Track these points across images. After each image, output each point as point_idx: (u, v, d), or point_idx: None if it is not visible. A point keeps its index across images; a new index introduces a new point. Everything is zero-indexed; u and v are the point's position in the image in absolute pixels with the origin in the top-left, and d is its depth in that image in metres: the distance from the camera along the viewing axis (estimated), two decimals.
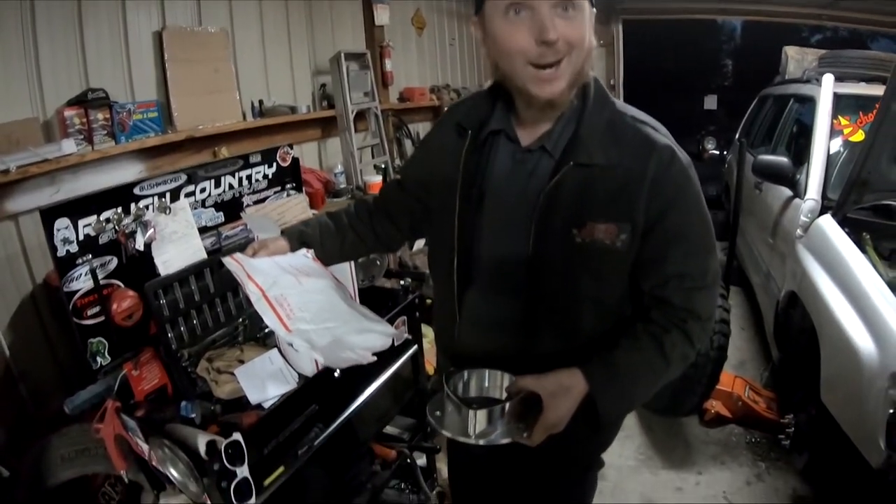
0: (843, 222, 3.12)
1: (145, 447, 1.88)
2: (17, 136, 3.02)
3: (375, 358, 1.56)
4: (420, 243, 5.21)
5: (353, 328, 1.55)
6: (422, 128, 7.10)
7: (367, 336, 1.57)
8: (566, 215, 1.37)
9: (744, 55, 9.97)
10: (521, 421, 1.36)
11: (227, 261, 1.63)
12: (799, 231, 3.40)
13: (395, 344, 1.65)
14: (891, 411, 2.22)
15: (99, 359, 2.12)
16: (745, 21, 9.54)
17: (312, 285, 1.60)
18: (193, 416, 1.97)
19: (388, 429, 2.68)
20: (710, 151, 8.29)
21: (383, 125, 5.45)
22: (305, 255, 1.72)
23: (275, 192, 2.63)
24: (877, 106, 3.00)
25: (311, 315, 1.49)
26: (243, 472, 1.70)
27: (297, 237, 1.75)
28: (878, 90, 3.14)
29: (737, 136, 6.62)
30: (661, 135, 1.39)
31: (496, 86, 1.48)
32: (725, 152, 7.47)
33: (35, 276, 3.19)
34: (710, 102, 9.30)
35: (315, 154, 5.45)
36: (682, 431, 3.71)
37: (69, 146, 3.23)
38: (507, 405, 1.36)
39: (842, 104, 3.96)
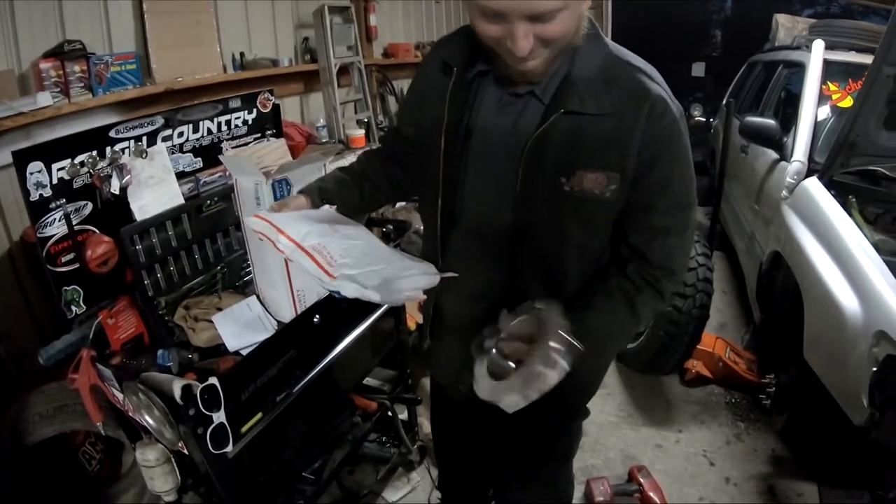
0: (829, 185, 3.09)
1: (121, 396, 1.85)
2: None
3: (425, 296, 1.55)
4: None
5: (398, 268, 1.47)
6: (406, 84, 6.91)
7: (413, 275, 1.49)
8: (554, 163, 1.33)
9: (734, 25, 9.87)
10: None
11: (252, 220, 1.49)
12: (784, 192, 3.39)
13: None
14: (874, 369, 2.21)
15: (74, 307, 2.08)
16: None
17: (348, 231, 1.51)
18: (170, 364, 1.95)
19: (369, 380, 2.68)
20: (697, 118, 8.21)
21: (367, 80, 5.38)
22: (329, 209, 1.62)
23: (255, 139, 2.58)
24: (866, 72, 2.97)
25: (353, 260, 1.39)
26: (220, 417, 1.67)
27: (316, 193, 1.64)
28: (868, 59, 3.11)
29: (724, 101, 6.59)
30: (656, 83, 1.33)
31: None
32: (712, 119, 7.43)
33: (12, 234, 3.11)
34: (698, 69, 9.23)
35: (297, 108, 5.38)
36: (663, 390, 3.73)
37: (45, 99, 3.15)
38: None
39: (831, 70, 3.92)
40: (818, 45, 3.98)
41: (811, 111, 3.60)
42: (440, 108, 1.43)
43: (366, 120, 5.13)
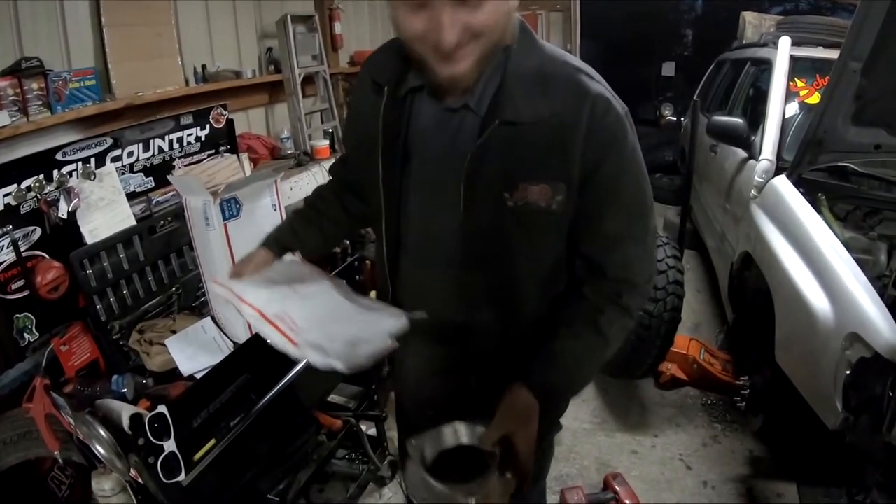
0: (798, 183, 3.07)
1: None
2: None
3: (397, 343, 1.39)
4: None
5: (362, 324, 1.40)
6: None
7: (380, 324, 1.43)
8: (496, 178, 1.26)
9: (703, 24, 9.93)
10: (502, 468, 1.27)
11: (214, 287, 1.49)
12: (753, 192, 3.37)
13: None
14: (847, 372, 2.19)
15: (26, 335, 2.07)
16: None
17: (309, 290, 1.46)
18: (125, 390, 1.92)
19: (334, 397, 2.63)
20: (668, 117, 8.27)
21: (333, 90, 5.32)
22: (293, 260, 1.58)
23: (208, 155, 2.55)
24: (832, 68, 2.94)
25: (316, 324, 1.34)
26: (170, 446, 1.63)
27: (274, 244, 1.56)
28: (834, 55, 3.10)
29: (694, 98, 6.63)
30: (596, 82, 1.27)
31: None
32: (682, 118, 7.46)
33: None
34: (668, 69, 9.27)
35: (262, 120, 5.31)
36: (638, 394, 3.71)
37: (2, 118, 3.04)
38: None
39: (798, 67, 3.91)
40: (784, 41, 3.98)
41: (778, 108, 3.59)
42: (374, 130, 1.36)
43: (331, 130, 5.08)
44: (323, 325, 1.34)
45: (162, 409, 1.60)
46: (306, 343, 1.27)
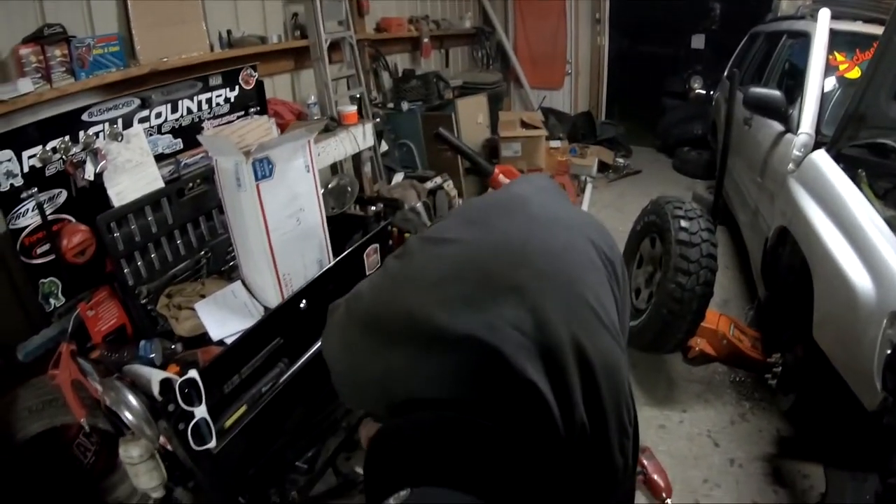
0: (838, 158, 3.00)
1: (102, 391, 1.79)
2: None
3: None
4: (398, 176, 5.11)
5: None
6: (399, 59, 6.94)
7: None
8: None
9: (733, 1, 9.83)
10: None
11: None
12: (791, 166, 3.30)
13: None
14: (889, 352, 2.13)
15: (52, 300, 2.05)
16: None
17: None
18: (153, 356, 1.89)
19: None
20: (697, 91, 8.18)
21: (359, 56, 5.26)
22: None
23: (238, 117, 2.52)
24: (875, 44, 2.88)
25: None
26: (201, 412, 1.61)
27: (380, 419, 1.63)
28: (875, 30, 3.01)
29: (725, 73, 6.50)
30: None
31: None
32: (712, 92, 7.36)
33: None
34: (698, 42, 9.11)
35: (288, 86, 5.25)
36: (666, 368, 3.68)
37: (25, 85, 3.02)
38: None
39: (837, 40, 3.78)
40: (824, 13, 3.87)
41: (818, 82, 3.51)
42: None
43: (358, 96, 5.04)
44: None
45: (193, 374, 1.57)
46: None
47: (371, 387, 1.10)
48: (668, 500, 2.73)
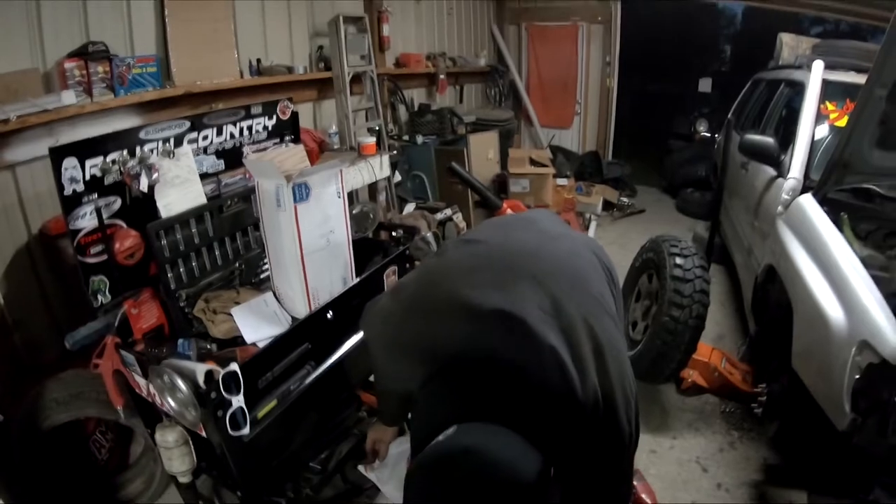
0: (824, 202, 3.17)
1: (142, 381, 1.96)
2: (17, 86, 3.04)
3: None
4: (410, 207, 5.25)
5: None
6: (416, 94, 7.11)
7: None
8: None
9: (742, 41, 9.98)
10: None
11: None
12: (780, 208, 3.48)
13: None
14: (857, 377, 2.31)
15: (100, 297, 2.18)
16: (746, 7, 9.55)
17: None
18: (190, 353, 2.06)
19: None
20: (702, 133, 8.32)
21: (378, 89, 5.46)
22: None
23: (274, 144, 2.71)
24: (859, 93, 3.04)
25: None
26: (238, 402, 1.78)
27: (391, 420, 2.12)
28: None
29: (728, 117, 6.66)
30: None
31: None
32: (717, 135, 7.50)
33: (31, 227, 3.22)
34: (705, 85, 9.28)
35: (310, 114, 5.46)
36: (660, 398, 3.80)
37: (69, 97, 3.24)
38: None
39: (830, 90, 3.99)
40: (818, 64, 4.07)
41: (808, 129, 3.69)
42: None
43: (377, 128, 5.22)
44: None
45: (234, 367, 1.75)
46: None
47: (414, 355, 1.30)
48: None
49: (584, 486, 1.36)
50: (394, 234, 2.79)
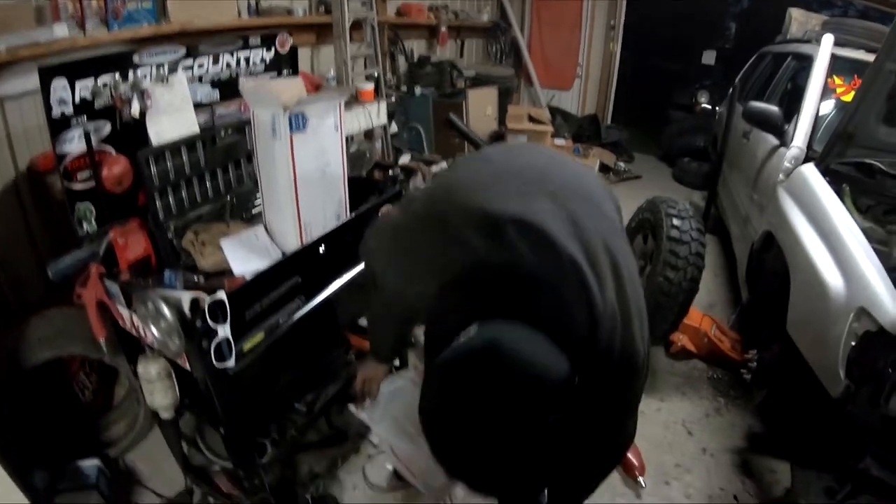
0: (825, 172, 3.16)
1: (126, 312, 1.92)
2: (8, 18, 2.95)
3: None
4: (405, 157, 5.22)
5: None
6: (417, 45, 7.03)
7: None
8: None
9: (749, 19, 9.88)
10: None
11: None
12: (781, 176, 3.46)
13: None
14: (853, 344, 2.32)
15: (85, 225, 2.14)
16: None
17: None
18: (176, 285, 2.01)
19: (364, 322, 2.73)
20: (703, 105, 8.30)
21: (379, 37, 5.39)
22: (411, 379, 2.22)
23: (271, 77, 2.65)
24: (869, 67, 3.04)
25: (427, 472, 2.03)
26: (224, 332, 1.74)
27: (385, 358, 2.16)
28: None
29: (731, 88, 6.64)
30: None
31: None
32: (718, 107, 7.47)
33: (18, 164, 3.14)
34: (708, 57, 9.24)
35: (308, 58, 5.37)
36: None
37: (61, 30, 3.15)
38: None
39: (838, 65, 3.97)
40: (827, 38, 4.03)
41: (814, 100, 3.67)
42: None
43: (375, 75, 5.16)
44: (432, 476, 2.00)
45: (221, 295, 1.70)
46: (419, 483, 2.04)
47: (427, 265, 1.28)
48: (641, 478, 2.85)
49: (594, 409, 1.35)
50: (390, 172, 2.75)
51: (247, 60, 2.55)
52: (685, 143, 7.97)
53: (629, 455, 2.89)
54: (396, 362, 2.18)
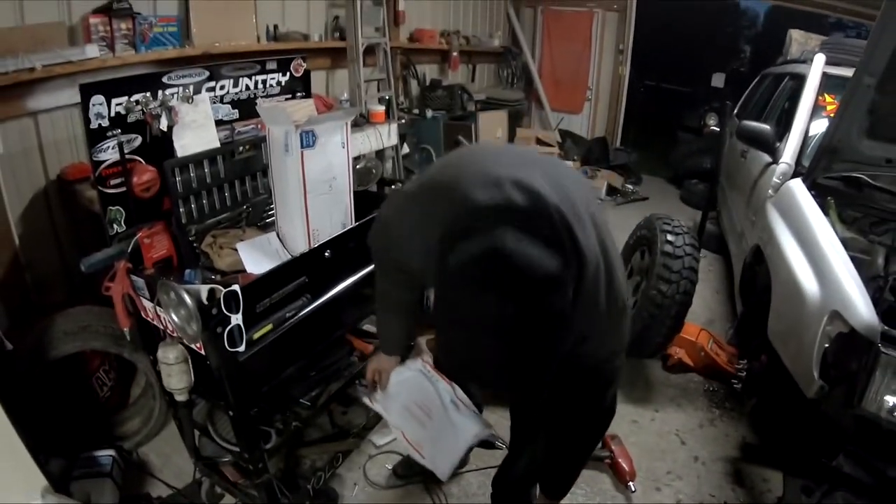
0: (813, 187, 3.24)
1: (149, 304, 2.12)
2: (44, 37, 3.18)
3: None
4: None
5: (462, 442, 2.24)
6: (429, 70, 7.19)
7: (468, 432, 2.25)
8: None
9: (762, 41, 9.94)
10: None
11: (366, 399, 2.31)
12: (770, 191, 3.57)
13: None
14: (826, 345, 2.41)
15: (115, 226, 2.32)
16: (770, 7, 9.53)
17: (435, 423, 2.23)
18: (196, 281, 2.21)
19: (368, 327, 2.93)
20: (712, 127, 8.34)
21: (391, 62, 5.59)
22: (419, 369, 2.29)
23: (285, 98, 2.85)
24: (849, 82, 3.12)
25: (437, 453, 2.21)
26: (237, 319, 1.94)
27: (394, 349, 2.23)
28: None
29: (735, 110, 6.72)
30: None
31: None
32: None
33: (49, 173, 3.37)
34: (718, 80, 9.32)
35: (323, 82, 5.58)
36: (645, 372, 3.90)
37: (92, 50, 3.41)
38: None
39: (830, 83, 4.07)
40: (819, 58, 4.18)
41: (804, 118, 3.79)
42: None
43: (387, 98, 5.33)
44: (441, 455, 2.21)
45: (236, 287, 1.90)
46: (427, 462, 2.20)
47: (435, 217, 1.37)
48: (631, 483, 2.91)
49: (583, 317, 1.43)
50: (393, 187, 2.92)
51: (264, 83, 2.75)
52: (693, 164, 8.04)
53: (620, 460, 2.96)
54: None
